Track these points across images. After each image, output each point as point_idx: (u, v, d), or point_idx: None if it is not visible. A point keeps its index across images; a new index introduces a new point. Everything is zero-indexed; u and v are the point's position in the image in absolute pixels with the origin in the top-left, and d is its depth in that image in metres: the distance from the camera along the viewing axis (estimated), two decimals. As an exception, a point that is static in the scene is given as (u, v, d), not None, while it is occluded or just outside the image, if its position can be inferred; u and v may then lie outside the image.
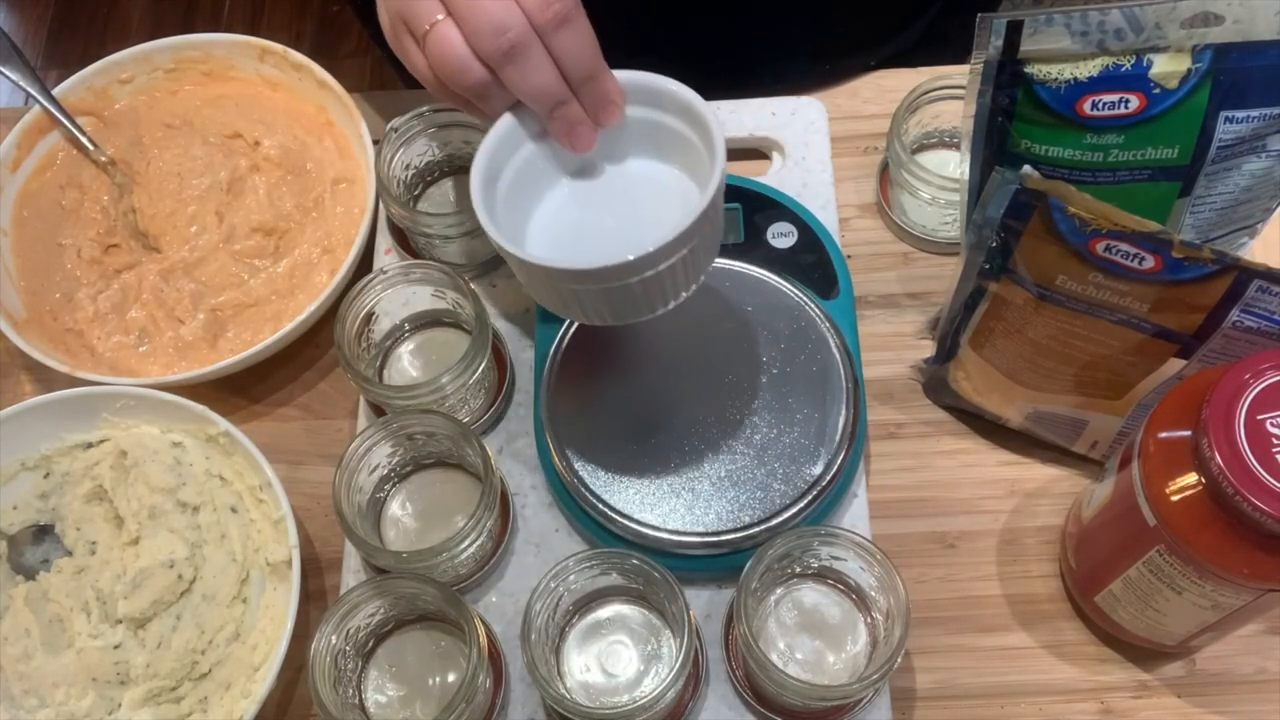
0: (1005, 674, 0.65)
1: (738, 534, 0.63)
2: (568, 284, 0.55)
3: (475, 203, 0.55)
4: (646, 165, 0.61)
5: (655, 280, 0.55)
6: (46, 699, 0.63)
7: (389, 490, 0.68)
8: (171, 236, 0.76)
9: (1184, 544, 0.53)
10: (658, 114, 0.59)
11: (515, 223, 0.59)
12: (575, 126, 0.56)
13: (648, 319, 0.58)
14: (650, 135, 0.60)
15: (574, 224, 0.60)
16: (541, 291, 0.58)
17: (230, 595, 0.65)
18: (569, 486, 0.65)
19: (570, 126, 0.56)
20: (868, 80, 0.82)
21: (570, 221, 0.60)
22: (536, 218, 0.60)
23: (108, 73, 0.80)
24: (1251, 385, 0.51)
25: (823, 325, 0.67)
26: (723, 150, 0.55)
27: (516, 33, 0.53)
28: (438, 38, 0.53)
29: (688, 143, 0.58)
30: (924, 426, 0.71)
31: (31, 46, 1.97)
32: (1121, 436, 0.65)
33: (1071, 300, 0.58)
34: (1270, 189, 0.62)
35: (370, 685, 0.63)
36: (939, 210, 0.73)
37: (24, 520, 0.68)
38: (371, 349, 0.71)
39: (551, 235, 0.60)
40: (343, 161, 0.78)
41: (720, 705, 0.63)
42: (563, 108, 0.55)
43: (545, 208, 0.60)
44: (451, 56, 0.53)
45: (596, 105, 0.56)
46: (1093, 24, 0.57)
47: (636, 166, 0.61)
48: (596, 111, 0.56)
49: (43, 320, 0.74)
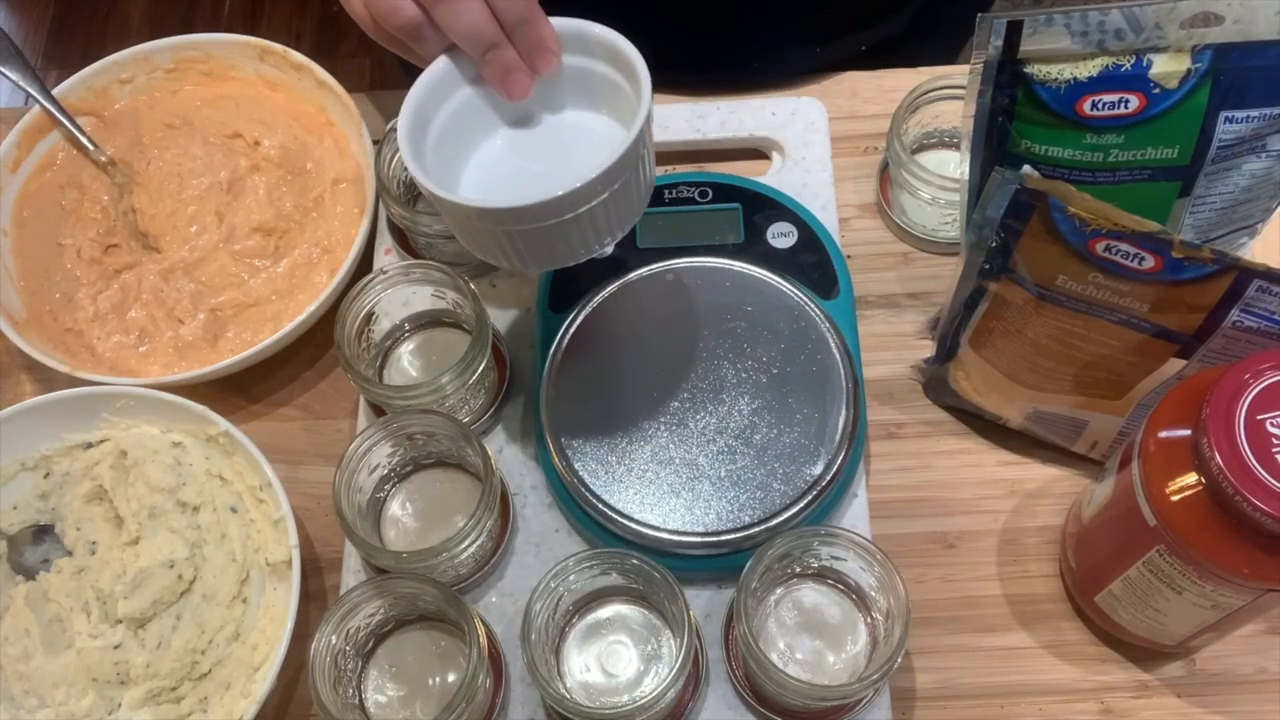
0: (1005, 674, 0.65)
1: (738, 534, 0.63)
2: (491, 224, 0.54)
3: (401, 145, 0.54)
4: (582, 115, 0.60)
5: (576, 222, 0.54)
6: (46, 699, 0.63)
7: (389, 490, 0.68)
8: (171, 236, 0.76)
9: (1184, 544, 0.53)
10: (588, 61, 0.58)
11: (448, 169, 0.58)
12: (510, 72, 0.55)
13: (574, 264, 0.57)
14: (583, 83, 0.59)
15: (508, 171, 0.59)
16: (470, 235, 0.57)
17: (230, 595, 0.65)
18: (569, 486, 0.65)
19: (505, 72, 0.55)
20: (868, 80, 0.82)
21: (504, 169, 0.59)
22: (471, 165, 0.59)
23: (108, 73, 0.80)
24: (1251, 385, 0.51)
25: (823, 325, 0.67)
26: (649, 91, 0.54)
27: None
28: None
29: (619, 89, 0.58)
30: (924, 426, 0.71)
31: (31, 46, 1.97)
32: (1121, 436, 0.65)
33: (1071, 300, 0.58)
34: (1270, 189, 0.62)
35: (370, 685, 0.63)
36: (939, 210, 0.73)
37: (24, 520, 0.68)
38: (371, 349, 0.71)
39: (484, 182, 0.59)
40: (343, 161, 0.78)
41: (720, 705, 0.63)
42: (496, 50, 0.54)
43: (480, 156, 0.59)
44: None
45: (532, 51, 0.55)
46: (1093, 24, 0.57)
47: (573, 116, 0.60)
48: (532, 57, 0.55)
49: (43, 320, 0.74)
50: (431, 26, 0.54)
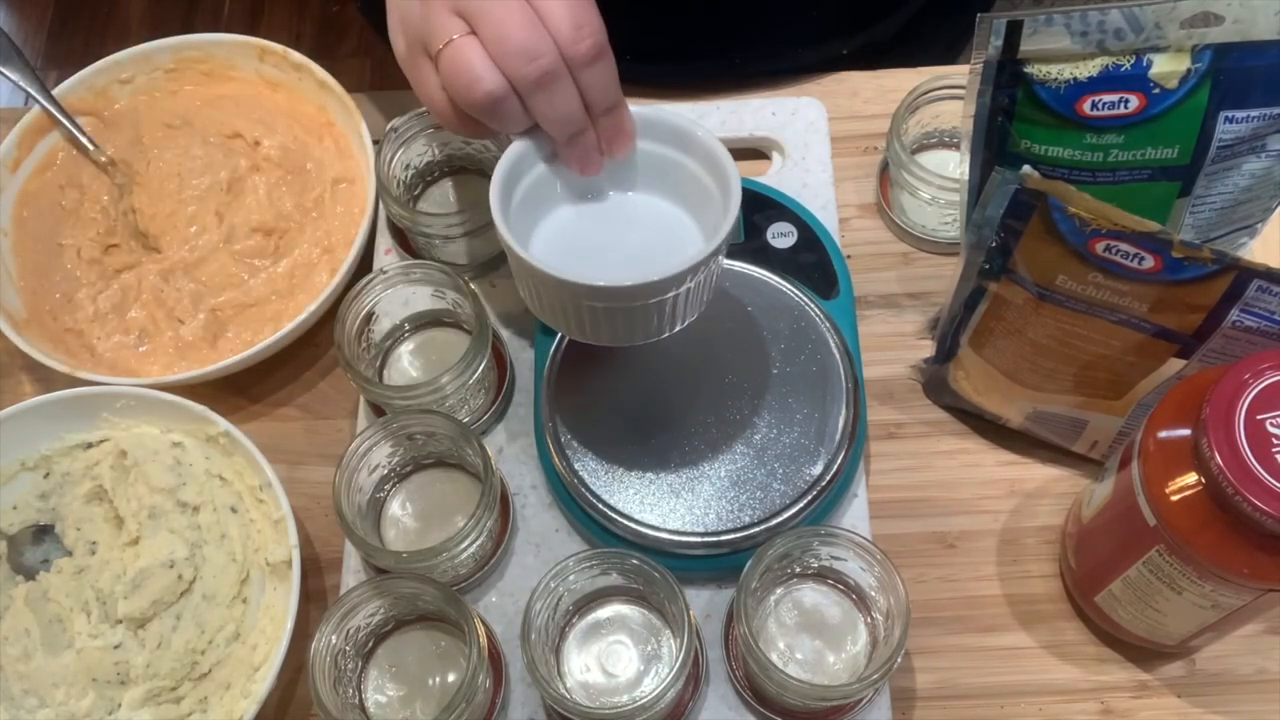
0: (1005, 674, 0.65)
1: (738, 534, 0.63)
2: (574, 298, 0.56)
3: (495, 217, 0.56)
4: (649, 197, 0.62)
5: (655, 307, 0.56)
6: (46, 699, 0.63)
7: (389, 490, 0.68)
8: (171, 236, 0.76)
9: (1184, 544, 0.53)
10: (673, 152, 0.60)
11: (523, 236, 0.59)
12: (590, 154, 0.56)
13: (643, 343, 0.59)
14: (658, 169, 0.61)
15: (574, 244, 0.60)
16: (548, 305, 0.59)
17: (230, 595, 0.65)
18: (569, 486, 0.65)
19: (585, 154, 0.56)
20: (868, 80, 0.82)
21: (574, 241, 0.60)
22: (539, 234, 0.61)
23: (108, 73, 0.80)
24: (1251, 385, 0.51)
25: (823, 325, 0.67)
26: (739, 194, 0.56)
27: (549, 60, 0.52)
28: (455, 50, 0.53)
29: (698, 183, 0.60)
30: (924, 426, 0.71)
31: (31, 46, 1.97)
32: (1121, 436, 0.65)
33: (1071, 300, 0.58)
34: (1270, 189, 0.62)
35: (370, 685, 0.63)
36: (939, 210, 0.73)
37: (24, 520, 0.68)
38: (371, 349, 0.71)
39: (553, 251, 0.60)
40: (343, 161, 0.78)
41: (720, 705, 0.63)
42: (581, 136, 0.56)
43: (548, 225, 0.61)
44: (467, 68, 0.52)
45: (611, 136, 0.57)
46: (1093, 24, 0.57)
47: (639, 197, 0.62)
48: (610, 142, 0.57)
49: (43, 320, 0.74)
50: (513, 106, 0.54)
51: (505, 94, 0.53)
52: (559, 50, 0.52)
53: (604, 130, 0.56)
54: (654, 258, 0.56)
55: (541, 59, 0.52)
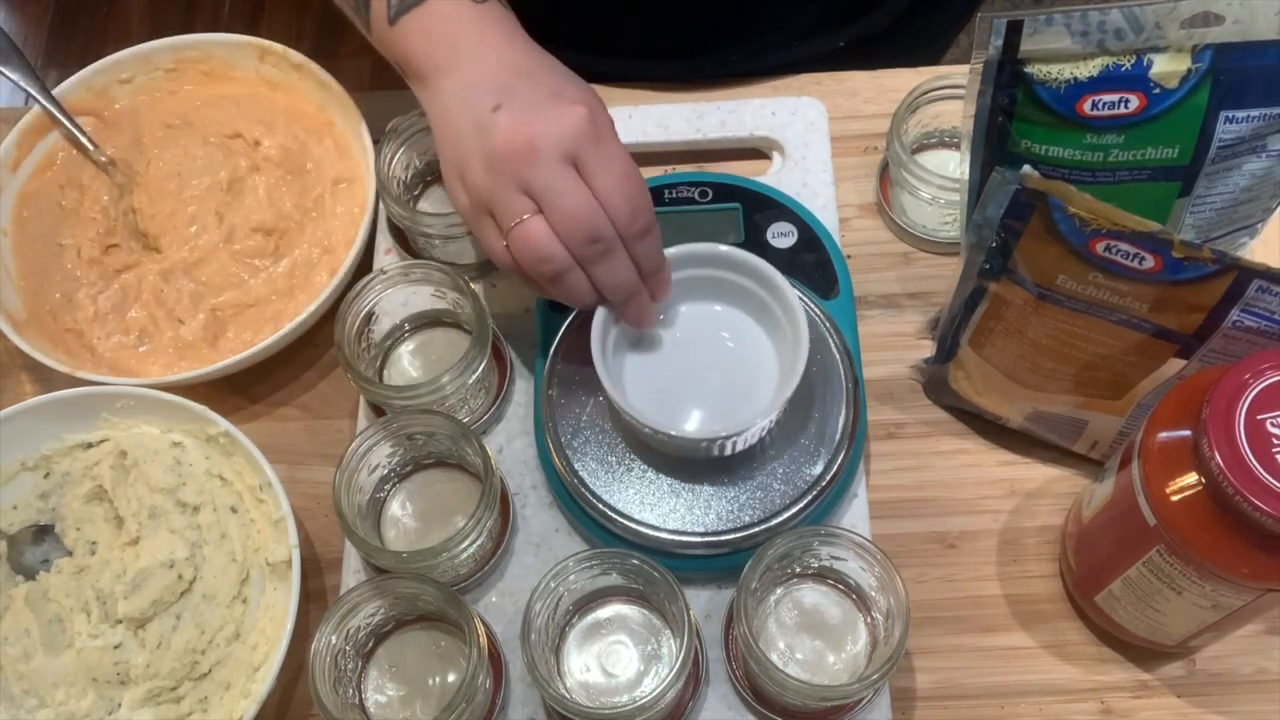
0: (1005, 674, 0.65)
1: (738, 534, 0.63)
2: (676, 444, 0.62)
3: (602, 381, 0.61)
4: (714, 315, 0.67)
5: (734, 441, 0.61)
6: (46, 699, 0.63)
7: (389, 490, 0.68)
8: (171, 236, 0.76)
9: (1184, 544, 0.53)
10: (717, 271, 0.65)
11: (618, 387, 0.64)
12: (643, 311, 0.63)
13: None
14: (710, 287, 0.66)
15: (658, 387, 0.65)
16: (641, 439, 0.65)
17: (230, 595, 0.65)
18: (569, 486, 0.65)
19: (639, 311, 0.63)
20: (868, 80, 0.82)
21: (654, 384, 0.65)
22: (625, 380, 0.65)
23: (108, 73, 0.80)
24: (1251, 385, 0.51)
25: (823, 325, 0.67)
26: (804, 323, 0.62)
27: (608, 242, 0.58)
28: (528, 229, 0.58)
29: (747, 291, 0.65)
30: (924, 426, 0.71)
31: (31, 46, 1.97)
32: (1121, 436, 0.65)
33: (1071, 300, 0.58)
34: (1270, 189, 0.62)
35: (370, 685, 0.63)
36: (939, 210, 0.73)
37: (24, 520, 0.68)
38: (371, 349, 0.71)
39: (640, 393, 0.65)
40: (343, 161, 0.78)
41: (720, 705, 0.63)
42: (636, 297, 0.62)
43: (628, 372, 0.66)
44: (538, 248, 0.58)
45: (656, 288, 0.63)
46: (1093, 24, 0.57)
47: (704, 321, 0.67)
48: (654, 292, 0.63)
49: (43, 320, 0.74)
50: (575, 275, 0.59)
51: (570, 268, 0.59)
52: (617, 231, 0.58)
53: (651, 286, 0.63)
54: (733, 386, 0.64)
55: (602, 241, 0.58)
